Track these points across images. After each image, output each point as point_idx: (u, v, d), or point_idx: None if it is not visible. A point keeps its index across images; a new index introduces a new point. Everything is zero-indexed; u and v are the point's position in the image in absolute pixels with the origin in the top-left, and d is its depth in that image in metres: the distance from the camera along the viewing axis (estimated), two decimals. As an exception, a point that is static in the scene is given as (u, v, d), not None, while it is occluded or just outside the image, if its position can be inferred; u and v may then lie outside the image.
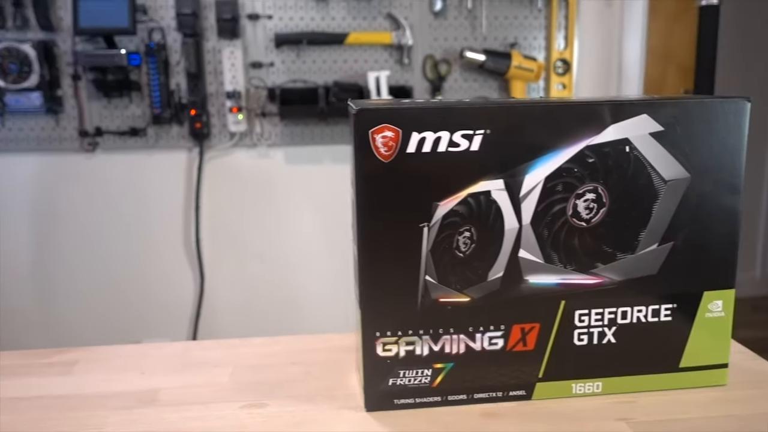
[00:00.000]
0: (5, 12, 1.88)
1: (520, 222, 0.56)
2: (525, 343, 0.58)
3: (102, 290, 2.11)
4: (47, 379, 0.68)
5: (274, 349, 0.74)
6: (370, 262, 0.56)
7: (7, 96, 1.90)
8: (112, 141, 2.01)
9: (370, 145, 0.53)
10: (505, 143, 0.54)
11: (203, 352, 0.74)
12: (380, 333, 0.57)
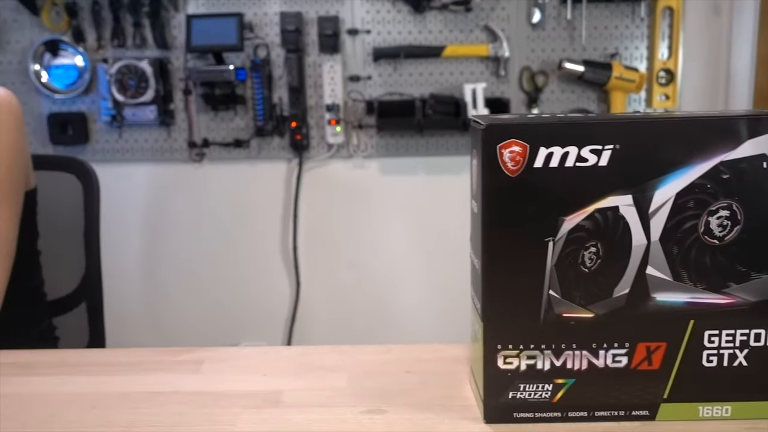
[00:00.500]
0: (126, 32, 2.02)
1: (648, 238, 0.55)
2: (650, 362, 0.57)
3: (205, 293, 2.22)
4: (178, 376, 0.73)
5: (386, 356, 0.76)
6: (494, 275, 0.56)
7: (125, 110, 2.04)
8: (217, 152, 2.12)
9: (497, 159, 0.54)
10: (634, 158, 0.54)
11: (319, 356, 0.77)
12: (502, 346, 0.57)
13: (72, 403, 0.67)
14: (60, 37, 2.03)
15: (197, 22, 1.93)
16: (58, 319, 1.18)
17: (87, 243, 1.20)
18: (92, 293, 1.21)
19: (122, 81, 2.00)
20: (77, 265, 1.21)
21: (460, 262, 2.07)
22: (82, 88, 2.06)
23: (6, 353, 0.83)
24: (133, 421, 0.63)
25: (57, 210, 1.20)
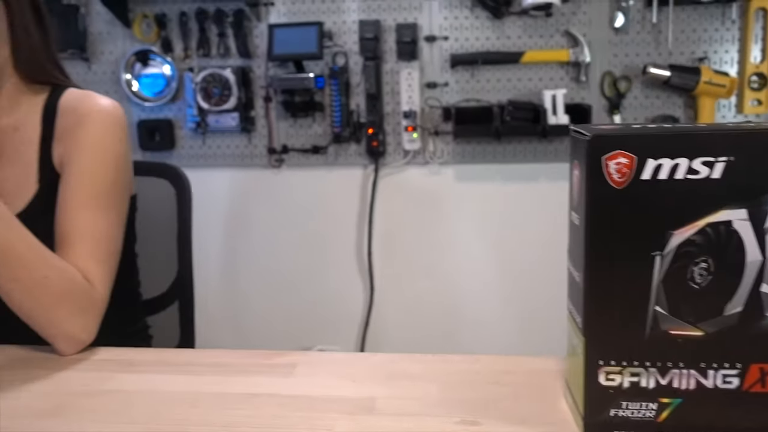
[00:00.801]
0: (211, 42, 2.10)
1: (764, 254, 0.53)
2: (764, 384, 0.54)
3: (281, 296, 2.26)
4: (273, 379, 0.75)
5: (474, 366, 0.76)
6: (597, 290, 0.55)
7: (209, 117, 2.11)
8: (296, 158, 2.16)
9: (602, 171, 0.53)
10: (750, 171, 0.52)
11: (408, 364, 0.77)
12: (603, 361, 0.56)
13: (174, 402, 0.70)
14: (150, 47, 2.13)
15: (279, 31, 1.99)
16: (151, 318, 1.24)
17: (180, 245, 1.25)
18: (184, 293, 1.25)
19: (207, 89, 2.07)
20: (169, 267, 1.27)
21: (538, 272, 2.06)
22: (170, 96, 2.15)
23: (108, 350, 0.88)
24: (232, 422, 0.65)
25: (151, 214, 1.25)
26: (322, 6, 2.05)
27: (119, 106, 0.98)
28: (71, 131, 0.94)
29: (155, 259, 1.27)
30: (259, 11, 2.06)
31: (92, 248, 0.89)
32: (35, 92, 0.99)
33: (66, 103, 0.97)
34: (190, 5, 2.09)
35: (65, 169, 0.93)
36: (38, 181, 0.95)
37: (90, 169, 0.92)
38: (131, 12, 2.12)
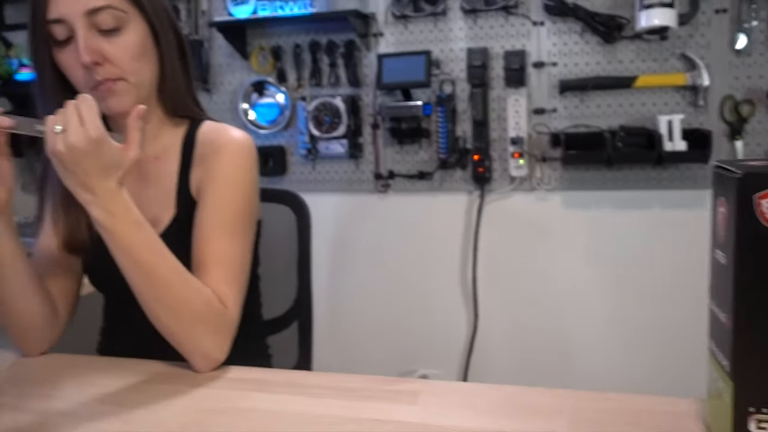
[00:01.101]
0: (322, 72, 2.19)
1: None
2: None
3: (385, 319, 2.29)
4: (397, 406, 0.77)
5: (605, 405, 0.74)
6: (747, 333, 0.53)
7: (319, 143, 2.20)
8: (402, 183, 2.20)
9: (753, 210, 0.51)
10: None
11: (534, 398, 0.76)
12: (755, 408, 0.54)
13: (306, 423, 0.73)
14: (265, 78, 2.25)
15: (388, 61, 2.04)
16: (271, 338, 1.30)
17: (300, 268, 1.31)
18: (303, 315, 1.31)
19: (318, 117, 2.16)
20: (289, 289, 1.32)
21: (652, 304, 1.97)
22: (283, 124, 2.25)
23: (239, 369, 0.93)
24: (365, 447, 0.67)
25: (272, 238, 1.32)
26: (430, 35, 2.09)
27: (250, 138, 1.05)
28: (207, 161, 1.01)
29: (275, 281, 1.33)
30: (369, 42, 2.13)
31: (226, 272, 0.95)
32: (175, 124, 1.07)
33: (203, 135, 1.04)
34: (304, 38, 2.19)
35: (201, 197, 1.00)
36: (176, 206, 1.03)
37: (224, 197, 0.98)
38: (249, 45, 2.25)
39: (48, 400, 0.84)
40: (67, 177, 0.80)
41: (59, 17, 0.92)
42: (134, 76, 0.96)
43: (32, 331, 1.00)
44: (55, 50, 0.95)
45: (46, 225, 1.06)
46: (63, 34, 0.93)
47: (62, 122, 0.78)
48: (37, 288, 0.98)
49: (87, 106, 0.79)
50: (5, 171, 0.88)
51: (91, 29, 0.93)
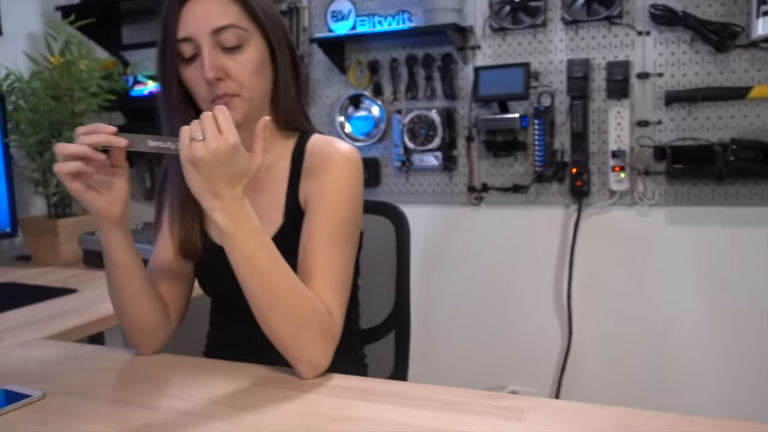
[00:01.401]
0: (418, 85, 2.21)
1: None
2: None
3: (475, 333, 2.27)
4: (503, 422, 0.76)
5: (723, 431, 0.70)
6: None
7: (414, 155, 2.21)
8: (495, 196, 2.18)
9: None
10: None
11: (646, 421, 0.74)
12: None
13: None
14: (362, 91, 2.29)
15: (485, 73, 2.04)
16: (367, 348, 1.31)
17: (398, 279, 1.32)
18: (401, 325, 1.32)
19: (413, 130, 2.18)
20: (386, 299, 1.34)
21: (761, 330, 1.85)
22: (378, 137, 2.29)
23: (343, 377, 0.95)
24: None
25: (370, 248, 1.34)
26: (528, 47, 2.07)
27: (357, 151, 1.07)
28: (316, 173, 1.04)
29: (372, 291, 1.36)
30: (466, 54, 2.13)
31: (331, 282, 0.98)
32: (286, 137, 1.12)
33: (311, 148, 1.08)
34: (401, 52, 2.22)
35: (309, 207, 1.03)
36: (284, 215, 1.07)
37: (331, 208, 1.01)
38: (347, 60, 2.31)
39: (166, 398, 0.90)
40: (199, 184, 0.84)
41: (187, 36, 0.99)
42: (250, 92, 1.02)
43: (146, 333, 1.06)
44: (181, 67, 1.02)
45: (163, 232, 1.13)
46: (189, 51, 1.00)
47: (201, 131, 0.83)
48: (152, 293, 1.04)
49: (223, 115, 0.84)
50: (121, 185, 0.95)
51: (215, 47, 0.99)
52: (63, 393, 0.92)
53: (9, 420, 0.84)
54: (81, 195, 0.92)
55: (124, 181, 0.95)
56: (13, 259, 2.19)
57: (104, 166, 0.93)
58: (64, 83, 2.00)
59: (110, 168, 0.94)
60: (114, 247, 0.98)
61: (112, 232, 0.96)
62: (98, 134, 0.89)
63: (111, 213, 0.94)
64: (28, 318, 1.39)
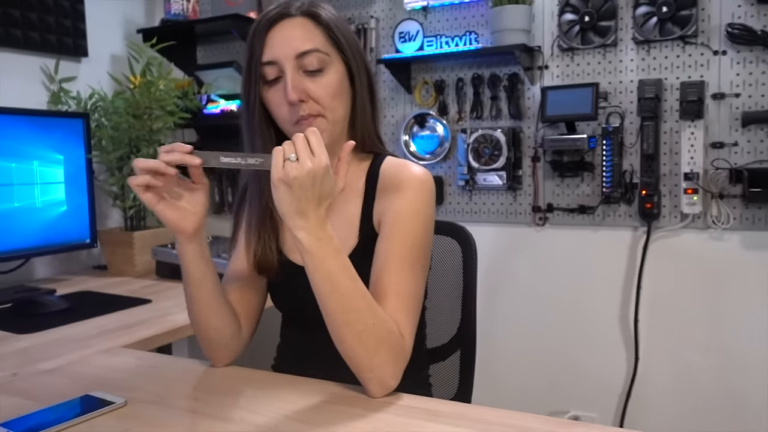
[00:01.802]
0: (484, 105, 2.21)
1: None
2: None
3: (536, 355, 2.24)
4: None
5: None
6: None
7: (478, 175, 2.21)
8: (560, 217, 2.15)
9: None
10: None
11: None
12: None
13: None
14: (428, 111, 2.31)
15: (553, 93, 2.02)
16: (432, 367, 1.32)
17: (464, 299, 1.32)
18: (466, 345, 1.32)
19: (478, 149, 2.18)
20: (452, 319, 1.34)
21: None
22: (442, 156, 2.30)
23: (411, 398, 0.95)
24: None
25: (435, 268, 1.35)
26: (597, 67, 2.04)
27: (430, 174, 1.09)
28: (390, 195, 1.06)
29: (438, 311, 1.36)
30: (533, 74, 2.12)
31: (404, 303, 0.99)
32: (360, 159, 1.14)
33: (386, 171, 1.10)
34: (467, 72, 2.23)
35: (383, 229, 1.05)
36: (358, 236, 1.09)
37: (405, 230, 1.02)
38: (413, 80, 2.33)
39: (240, 411, 0.92)
40: (289, 203, 0.87)
41: (272, 59, 1.03)
42: (332, 113, 1.05)
43: (220, 346, 1.10)
44: (264, 89, 1.06)
45: (239, 247, 1.17)
46: (273, 74, 1.04)
47: (293, 152, 0.86)
48: (225, 307, 1.08)
49: (315, 137, 0.87)
50: (198, 201, 0.99)
51: (298, 70, 1.03)
52: (143, 401, 0.96)
53: (94, 425, 0.88)
54: (153, 205, 0.97)
55: (201, 197, 1.00)
56: (90, 269, 2.30)
57: (183, 182, 0.98)
58: (144, 102, 2.10)
59: (189, 184, 0.99)
60: (189, 260, 1.02)
61: (187, 245, 1.01)
62: (175, 152, 0.94)
63: (183, 226, 0.99)
64: (108, 326, 1.46)
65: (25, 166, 1.87)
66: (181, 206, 0.98)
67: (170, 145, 0.95)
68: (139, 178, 0.94)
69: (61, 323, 1.48)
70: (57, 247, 2.01)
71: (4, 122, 1.82)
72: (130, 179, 0.95)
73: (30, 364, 1.17)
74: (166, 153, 0.94)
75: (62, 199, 1.99)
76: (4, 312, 1.63)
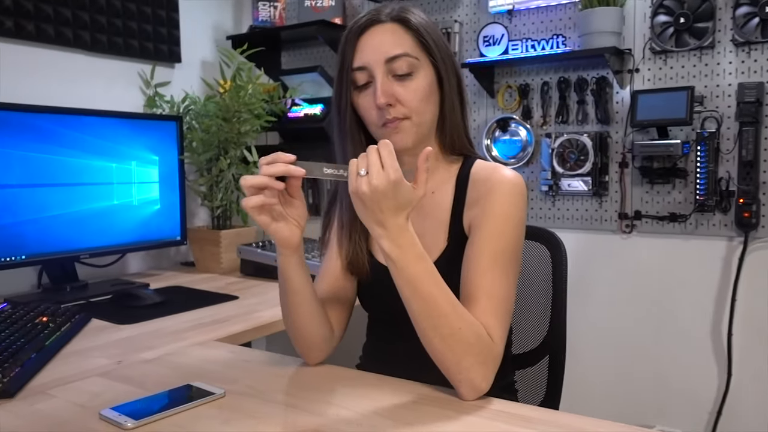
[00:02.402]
0: (570, 109, 2.17)
1: None
2: None
3: (620, 366, 2.17)
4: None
5: None
6: None
7: (562, 180, 2.17)
8: (649, 225, 2.08)
9: None
10: None
11: None
12: None
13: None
14: (511, 115, 2.28)
15: (643, 97, 1.96)
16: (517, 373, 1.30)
17: (554, 306, 1.30)
18: (555, 351, 1.29)
19: (563, 154, 2.13)
20: (541, 324, 1.32)
21: None
22: (525, 160, 2.27)
23: (501, 402, 0.95)
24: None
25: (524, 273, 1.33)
26: (692, 70, 1.96)
27: (522, 178, 1.08)
28: (481, 199, 1.06)
29: (524, 317, 1.34)
30: (623, 78, 2.06)
31: (494, 307, 0.98)
32: (450, 162, 1.14)
33: (476, 174, 1.10)
34: (553, 75, 2.19)
35: (474, 232, 1.04)
36: (447, 239, 1.09)
37: (497, 234, 1.02)
38: (497, 84, 2.31)
39: (333, 407, 0.94)
40: (365, 214, 0.89)
41: (363, 65, 1.05)
42: (419, 116, 1.06)
43: (313, 347, 1.12)
44: (354, 94, 1.08)
45: (331, 249, 1.19)
46: (363, 79, 1.06)
47: (365, 166, 0.87)
48: (320, 313, 1.10)
49: (387, 151, 0.87)
50: (299, 214, 1.01)
51: (388, 74, 1.04)
52: (240, 393, 0.99)
53: (197, 414, 0.92)
54: (268, 227, 0.98)
55: (301, 210, 1.01)
56: (178, 265, 2.40)
57: (282, 196, 1.00)
58: (234, 106, 2.18)
59: (288, 198, 1.01)
60: (291, 272, 1.04)
61: (291, 258, 1.03)
62: (278, 164, 0.95)
63: (292, 242, 1.01)
64: (200, 320, 1.52)
65: (124, 166, 1.98)
66: (287, 222, 1.00)
67: (271, 156, 0.96)
68: (253, 200, 0.95)
69: (156, 316, 1.55)
70: (150, 244, 2.11)
71: (107, 124, 1.93)
72: (244, 202, 0.95)
73: (132, 353, 1.24)
74: (268, 165, 0.95)
75: (156, 198, 2.08)
76: (105, 303, 1.72)
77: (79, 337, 1.37)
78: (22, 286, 1.93)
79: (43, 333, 1.25)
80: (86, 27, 2.10)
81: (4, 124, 1.68)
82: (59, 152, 1.80)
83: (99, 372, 1.12)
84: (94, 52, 2.14)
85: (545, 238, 1.34)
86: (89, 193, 1.89)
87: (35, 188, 1.76)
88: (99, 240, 1.93)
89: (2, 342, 1.15)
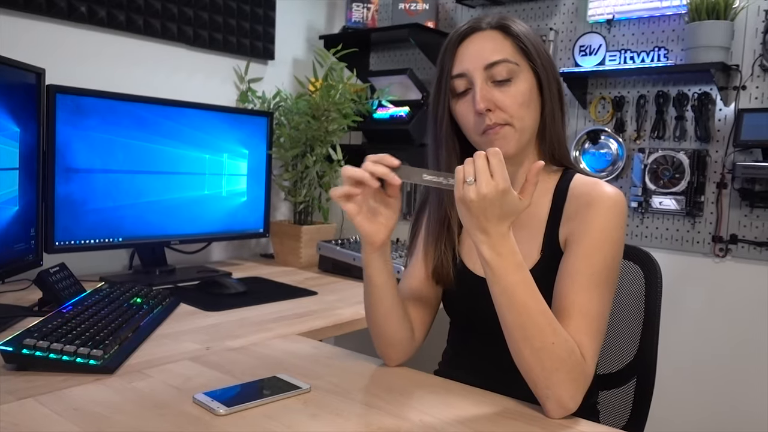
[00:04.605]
0: (667, 124, 2.08)
1: None
2: None
3: (704, 395, 2.07)
4: None
5: None
6: None
7: (653, 197, 2.09)
8: (745, 250, 1.97)
9: None
10: None
11: None
12: None
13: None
14: (603, 127, 2.22)
15: (750, 116, 1.86)
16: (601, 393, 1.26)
17: (645, 327, 1.26)
18: (645, 374, 1.25)
19: (657, 171, 2.05)
20: (625, 345, 1.28)
21: None
22: (614, 174, 2.19)
23: (589, 424, 0.92)
24: None
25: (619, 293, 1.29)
26: (806, 89, 1.85)
27: (623, 195, 1.04)
28: (580, 214, 1.03)
29: (612, 337, 1.30)
30: (727, 94, 1.96)
31: (587, 325, 0.95)
32: (548, 173, 1.12)
33: (575, 188, 1.07)
34: (650, 89, 2.12)
35: (570, 247, 1.02)
36: (541, 252, 1.07)
37: (594, 250, 0.99)
38: (590, 95, 2.25)
39: (415, 412, 0.94)
40: (469, 220, 0.89)
41: (462, 72, 1.04)
42: (519, 122, 1.04)
43: (393, 347, 1.12)
44: (452, 101, 1.08)
45: (416, 256, 1.19)
46: (462, 86, 1.05)
47: (472, 173, 0.87)
48: (402, 313, 1.10)
49: (497, 159, 0.86)
50: (391, 215, 1.02)
51: (487, 81, 1.03)
52: (325, 389, 1.00)
53: (284, 405, 0.94)
54: (353, 217, 1.00)
55: (394, 212, 1.02)
56: (258, 256, 2.46)
57: (380, 194, 1.01)
58: (324, 104, 2.21)
59: (385, 197, 1.01)
60: (374, 269, 1.05)
61: (374, 255, 1.04)
62: (381, 166, 0.96)
63: (376, 239, 1.01)
64: (281, 313, 1.55)
65: (216, 158, 2.04)
66: (376, 220, 1.01)
67: (379, 156, 0.97)
68: (341, 189, 0.98)
69: (240, 305, 1.60)
70: (235, 234, 2.17)
71: (204, 117, 2.00)
72: (332, 191, 0.98)
73: (219, 340, 1.28)
74: (373, 163, 0.97)
75: (244, 190, 2.14)
76: (192, 289, 1.78)
77: (170, 320, 1.43)
78: (115, 267, 2.03)
79: (138, 314, 1.31)
80: (190, 23, 2.18)
81: (111, 112, 1.77)
82: (159, 141, 1.89)
83: (190, 356, 1.16)
84: (195, 46, 2.23)
85: (639, 258, 1.30)
86: (183, 182, 1.96)
87: (135, 174, 1.84)
88: (189, 227, 2.00)
89: (103, 319, 1.21)
